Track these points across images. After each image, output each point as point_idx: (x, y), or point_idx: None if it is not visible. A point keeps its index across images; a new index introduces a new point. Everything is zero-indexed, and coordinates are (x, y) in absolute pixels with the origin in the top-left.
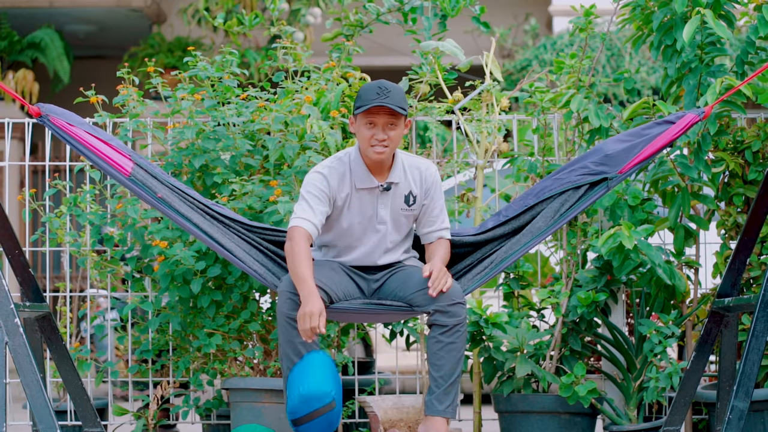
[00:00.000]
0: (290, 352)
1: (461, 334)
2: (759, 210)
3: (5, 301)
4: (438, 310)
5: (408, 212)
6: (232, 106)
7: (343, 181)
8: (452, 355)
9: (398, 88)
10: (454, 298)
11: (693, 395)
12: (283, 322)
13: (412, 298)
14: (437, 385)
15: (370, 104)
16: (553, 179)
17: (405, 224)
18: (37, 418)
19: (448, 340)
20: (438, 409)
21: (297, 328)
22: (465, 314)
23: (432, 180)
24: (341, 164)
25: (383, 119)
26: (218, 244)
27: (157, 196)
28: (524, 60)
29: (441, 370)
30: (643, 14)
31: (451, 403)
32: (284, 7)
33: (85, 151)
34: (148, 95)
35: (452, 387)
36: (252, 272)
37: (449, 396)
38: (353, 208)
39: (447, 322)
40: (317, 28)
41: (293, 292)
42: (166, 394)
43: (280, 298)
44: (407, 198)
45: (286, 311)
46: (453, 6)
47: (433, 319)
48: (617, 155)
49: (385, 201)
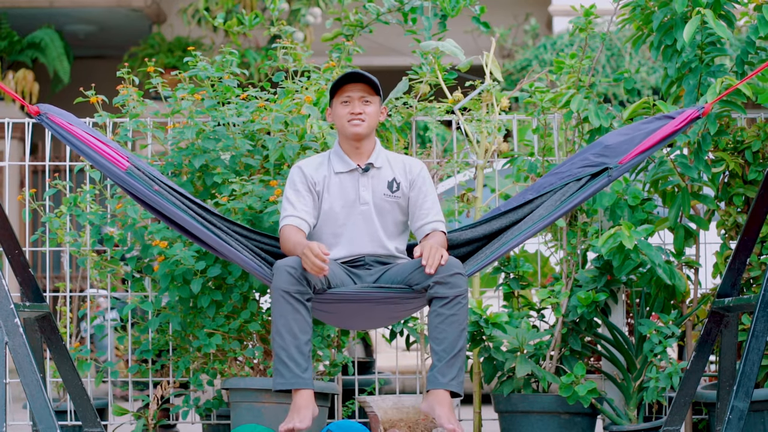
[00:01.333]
0: (282, 330)
1: (462, 306)
2: (759, 210)
3: (5, 301)
4: (437, 281)
5: (391, 199)
6: (232, 106)
7: (320, 167)
8: (454, 328)
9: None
10: (453, 268)
11: (693, 395)
12: (278, 297)
13: (410, 278)
14: (439, 358)
15: (342, 79)
16: (553, 174)
17: (389, 212)
18: (37, 418)
19: (449, 312)
20: (441, 382)
21: (291, 303)
22: (466, 285)
23: (417, 172)
24: (320, 156)
25: (357, 93)
26: (216, 237)
27: (153, 189)
28: (524, 60)
29: (443, 343)
30: (643, 14)
31: (455, 377)
32: (284, 7)
33: (84, 149)
34: (148, 95)
35: (455, 360)
36: (250, 265)
37: (452, 369)
38: (333, 191)
39: (447, 293)
40: (317, 28)
41: (290, 265)
42: (166, 394)
43: (276, 273)
44: (390, 184)
45: (281, 285)
46: (453, 6)
47: (433, 291)
48: (617, 146)
49: (365, 183)
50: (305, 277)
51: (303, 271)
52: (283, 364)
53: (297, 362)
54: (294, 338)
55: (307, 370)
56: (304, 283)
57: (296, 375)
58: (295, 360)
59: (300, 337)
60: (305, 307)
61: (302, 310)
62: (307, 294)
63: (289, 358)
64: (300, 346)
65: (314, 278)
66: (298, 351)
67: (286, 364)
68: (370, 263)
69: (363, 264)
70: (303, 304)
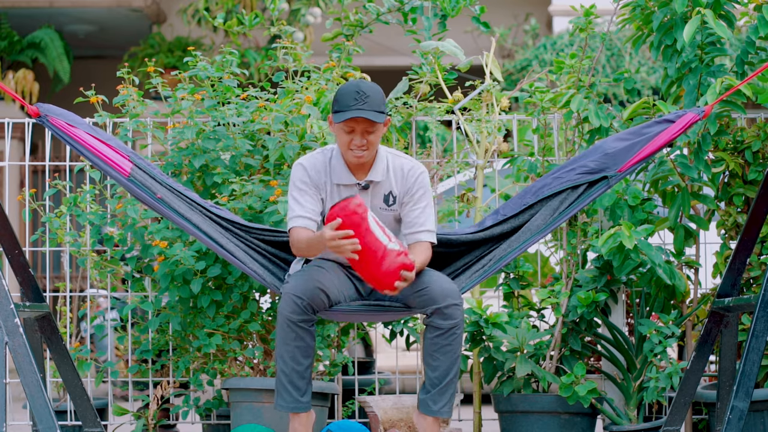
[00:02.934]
0: (286, 355)
1: (457, 336)
2: (759, 210)
3: (5, 301)
4: (435, 311)
5: (388, 212)
6: (232, 106)
7: (321, 172)
8: (448, 357)
9: (376, 90)
10: (451, 299)
11: (693, 395)
12: (283, 324)
13: (408, 299)
14: (432, 384)
15: (347, 113)
16: (552, 177)
17: (387, 223)
18: (37, 418)
19: (444, 342)
20: (432, 410)
21: (296, 331)
22: (462, 316)
23: (414, 180)
24: (323, 156)
25: (361, 126)
26: (217, 245)
27: (156, 197)
28: (524, 60)
29: (436, 370)
30: (643, 14)
31: (446, 404)
32: (284, 7)
33: (84, 152)
34: (148, 95)
35: (448, 387)
36: (251, 272)
37: (444, 397)
38: (333, 198)
39: (443, 325)
40: (317, 28)
41: (296, 295)
42: (166, 394)
43: (283, 299)
44: (386, 198)
45: (287, 313)
46: (453, 6)
47: (430, 320)
48: (616, 154)
49: (364, 198)
50: (311, 306)
51: (308, 299)
52: (285, 388)
53: (297, 387)
54: (297, 364)
55: (305, 393)
56: (310, 312)
57: (296, 400)
58: (296, 385)
59: (302, 363)
60: (309, 334)
61: (306, 338)
62: (311, 321)
63: (290, 383)
64: (302, 371)
65: (318, 303)
66: (299, 376)
67: (288, 389)
68: None
69: None
70: (307, 331)
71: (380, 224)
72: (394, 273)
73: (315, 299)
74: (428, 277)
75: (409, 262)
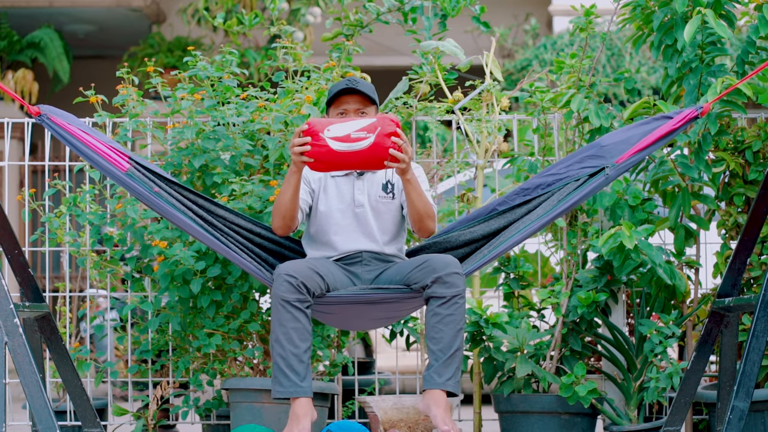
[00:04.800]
0: (282, 338)
1: (459, 306)
2: (759, 210)
3: (5, 301)
4: (436, 280)
5: (387, 200)
6: (232, 106)
7: None
8: (451, 327)
9: (368, 82)
10: (451, 268)
11: (693, 395)
12: (277, 305)
13: (408, 277)
14: (436, 358)
15: (339, 90)
16: (549, 174)
17: (386, 212)
18: (36, 418)
19: (447, 312)
20: (437, 382)
21: (291, 311)
22: (463, 285)
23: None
24: None
25: (354, 106)
26: (216, 240)
27: (153, 191)
28: (524, 60)
29: (440, 342)
30: (644, 14)
31: (451, 377)
32: (284, 7)
33: (82, 149)
34: (147, 95)
35: (452, 360)
36: (250, 268)
37: (449, 369)
38: (329, 192)
39: (445, 293)
40: (317, 28)
41: (289, 274)
42: (165, 395)
43: (276, 281)
44: (385, 186)
45: (281, 293)
46: (453, 6)
47: (431, 291)
48: (614, 146)
49: (361, 187)
50: (305, 285)
51: (302, 278)
52: (282, 372)
53: (296, 371)
54: (294, 347)
55: (305, 378)
56: (304, 290)
57: (295, 384)
58: (294, 369)
59: (300, 346)
60: (305, 315)
61: (302, 318)
62: (306, 302)
63: (288, 367)
64: (299, 354)
65: (313, 284)
66: (297, 360)
67: (285, 373)
68: (368, 260)
69: (360, 261)
70: (302, 311)
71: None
72: (383, 142)
73: (309, 279)
74: (427, 255)
75: (393, 127)
